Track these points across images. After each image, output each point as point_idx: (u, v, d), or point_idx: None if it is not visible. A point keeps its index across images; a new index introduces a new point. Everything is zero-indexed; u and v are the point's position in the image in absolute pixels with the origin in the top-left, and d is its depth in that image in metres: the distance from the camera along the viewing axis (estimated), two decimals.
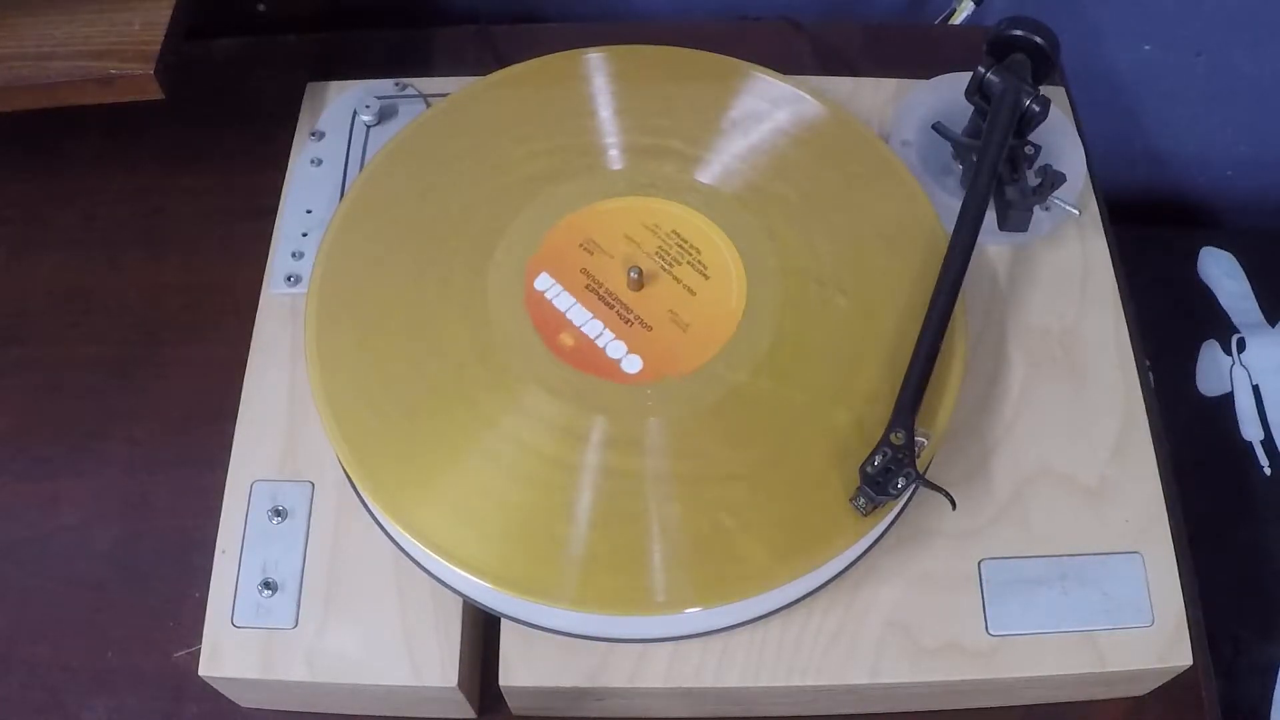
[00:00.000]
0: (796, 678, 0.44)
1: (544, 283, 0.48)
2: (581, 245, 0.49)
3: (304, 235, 0.54)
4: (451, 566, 0.43)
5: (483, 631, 0.48)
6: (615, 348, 0.47)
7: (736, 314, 0.48)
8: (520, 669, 0.44)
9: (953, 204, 0.49)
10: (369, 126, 0.57)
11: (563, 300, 0.48)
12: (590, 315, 0.47)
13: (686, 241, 0.50)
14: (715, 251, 0.49)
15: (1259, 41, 0.79)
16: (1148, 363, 0.53)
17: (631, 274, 0.48)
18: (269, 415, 0.49)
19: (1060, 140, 0.55)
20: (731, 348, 0.47)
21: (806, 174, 0.52)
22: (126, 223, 0.61)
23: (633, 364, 0.46)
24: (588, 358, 0.46)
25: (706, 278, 0.49)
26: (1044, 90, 0.50)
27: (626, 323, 0.47)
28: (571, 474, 0.44)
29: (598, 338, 0.47)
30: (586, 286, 0.48)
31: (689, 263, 0.49)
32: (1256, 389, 0.73)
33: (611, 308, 0.48)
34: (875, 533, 0.45)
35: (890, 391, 0.44)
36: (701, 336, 0.47)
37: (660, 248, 0.49)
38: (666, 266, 0.49)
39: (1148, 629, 0.45)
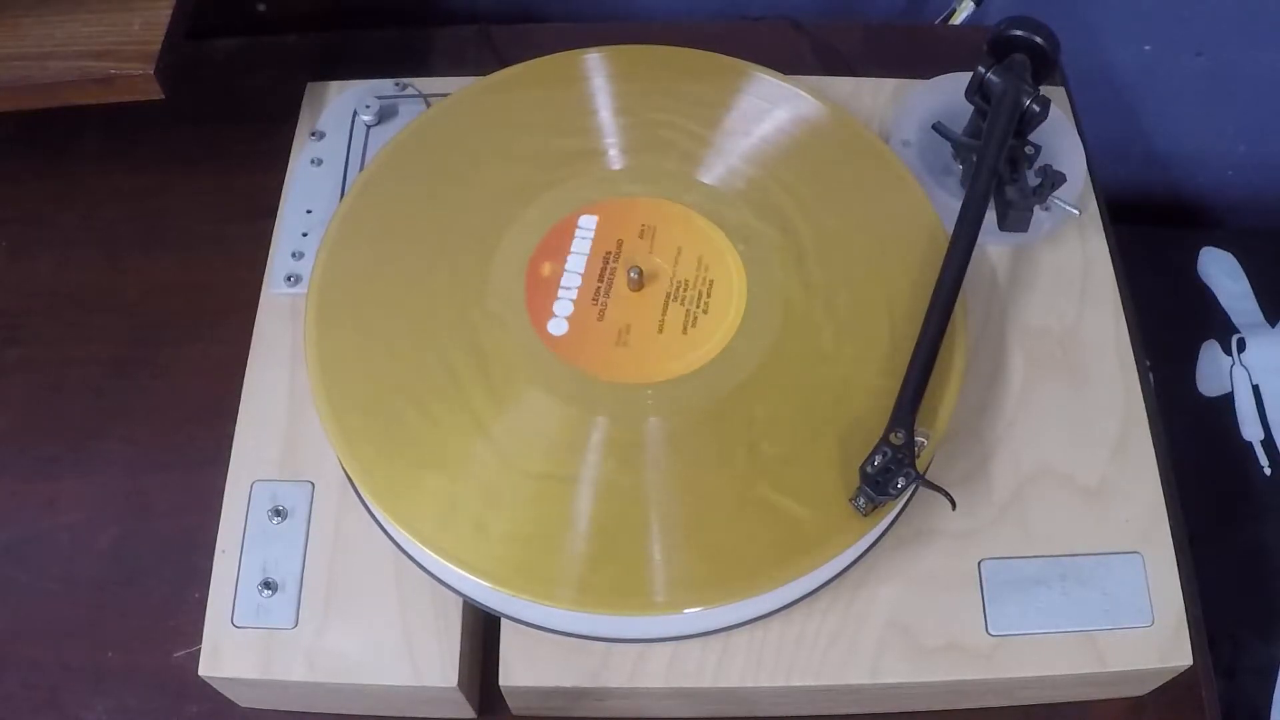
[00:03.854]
0: (796, 678, 0.44)
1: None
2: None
3: (304, 235, 0.54)
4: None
5: (483, 631, 0.48)
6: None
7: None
8: (520, 669, 0.44)
9: (953, 204, 0.49)
10: (369, 126, 0.57)
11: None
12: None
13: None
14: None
15: (1259, 41, 0.79)
16: (1148, 363, 0.53)
17: (631, 274, 0.48)
18: (269, 415, 0.49)
19: (1060, 140, 0.55)
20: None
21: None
22: (126, 223, 0.61)
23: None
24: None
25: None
26: (1044, 90, 0.50)
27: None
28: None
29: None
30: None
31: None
32: (1256, 389, 0.73)
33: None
34: (875, 533, 0.45)
35: (890, 391, 0.44)
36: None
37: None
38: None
39: (1148, 629, 0.45)
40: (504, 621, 0.45)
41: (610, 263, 0.49)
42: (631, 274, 0.48)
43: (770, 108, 0.54)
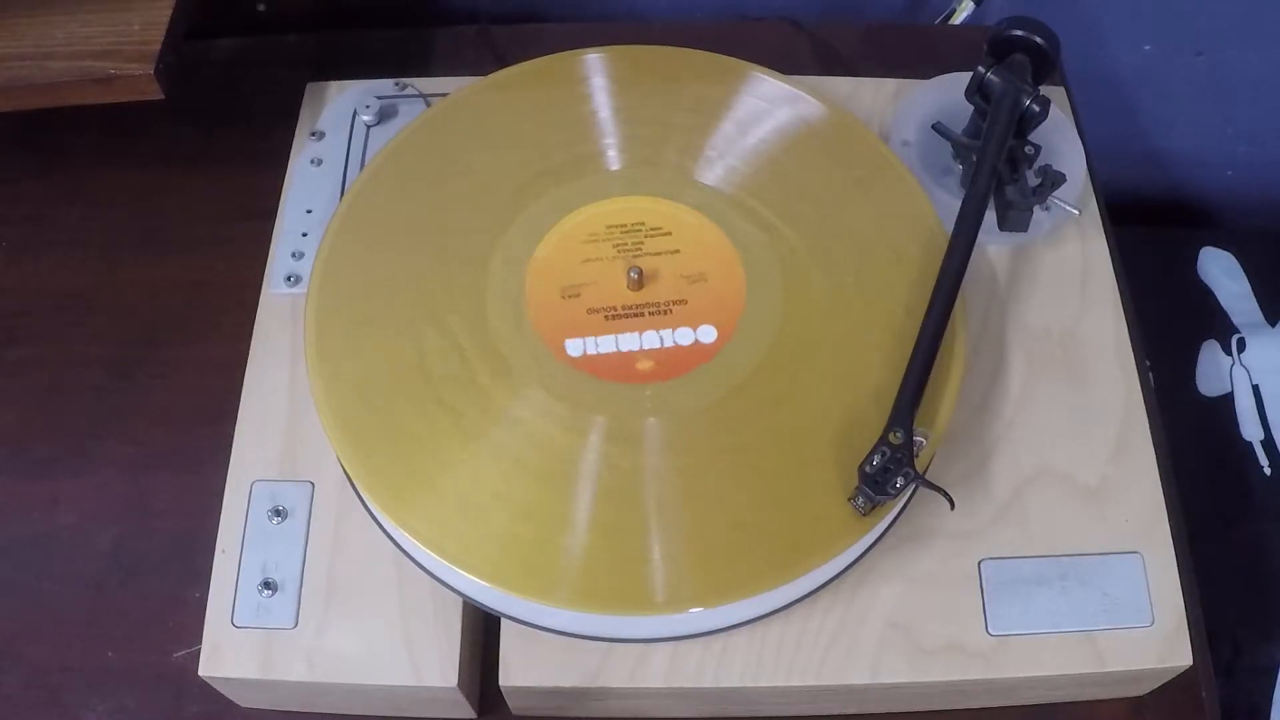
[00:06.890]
0: (796, 678, 0.44)
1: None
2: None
3: (304, 235, 0.54)
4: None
5: (483, 631, 0.48)
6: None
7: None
8: (520, 669, 0.44)
9: (953, 204, 0.49)
10: (369, 126, 0.57)
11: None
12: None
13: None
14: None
15: (1259, 41, 0.79)
16: (1148, 363, 0.53)
17: (631, 274, 0.48)
18: (269, 415, 0.49)
19: (1060, 140, 0.55)
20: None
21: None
22: (126, 223, 0.61)
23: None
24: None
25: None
26: (1044, 90, 0.50)
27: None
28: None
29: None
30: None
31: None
32: (1256, 389, 0.73)
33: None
34: (875, 533, 0.45)
35: (890, 391, 0.44)
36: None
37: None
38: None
39: (1148, 629, 0.45)
40: (504, 621, 0.45)
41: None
42: (631, 274, 0.48)
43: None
